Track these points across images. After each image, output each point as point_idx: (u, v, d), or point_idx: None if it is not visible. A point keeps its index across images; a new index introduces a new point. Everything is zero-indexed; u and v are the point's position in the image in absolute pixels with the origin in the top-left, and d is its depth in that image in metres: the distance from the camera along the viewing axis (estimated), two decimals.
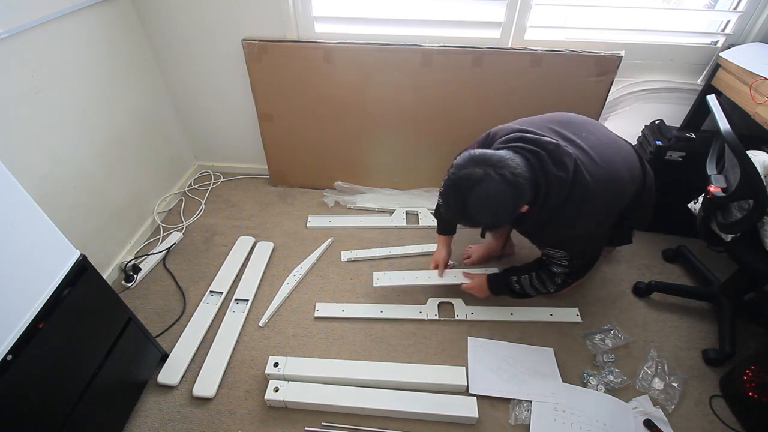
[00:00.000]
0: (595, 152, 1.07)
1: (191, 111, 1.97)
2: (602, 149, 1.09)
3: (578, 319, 1.45)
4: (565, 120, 1.16)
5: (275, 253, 1.72)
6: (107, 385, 1.08)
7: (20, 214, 0.84)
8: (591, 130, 1.14)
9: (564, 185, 0.99)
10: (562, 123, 1.14)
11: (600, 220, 1.08)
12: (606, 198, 1.05)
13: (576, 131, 1.11)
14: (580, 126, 1.15)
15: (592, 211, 1.04)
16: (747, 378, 1.16)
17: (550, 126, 1.12)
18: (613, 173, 1.06)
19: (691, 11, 1.57)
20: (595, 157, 1.05)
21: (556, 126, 1.12)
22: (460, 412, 1.17)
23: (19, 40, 1.19)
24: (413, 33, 1.60)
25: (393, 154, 1.89)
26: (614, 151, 1.12)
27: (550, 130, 1.10)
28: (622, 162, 1.11)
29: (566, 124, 1.14)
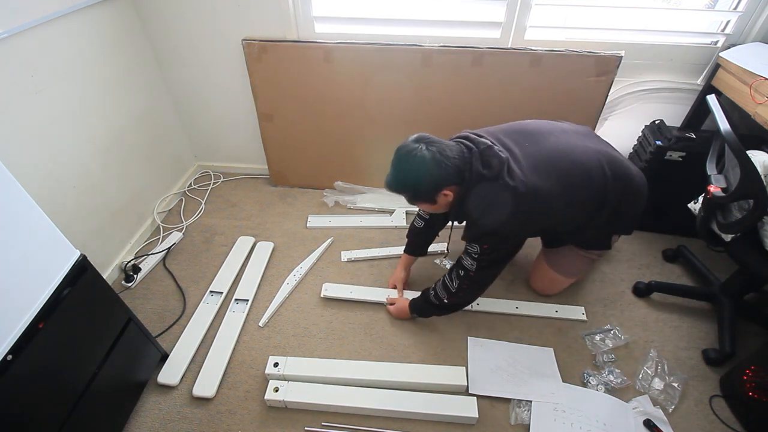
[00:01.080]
0: (528, 162, 1.11)
1: (191, 111, 1.97)
2: (539, 160, 1.12)
3: (583, 318, 1.45)
4: (517, 129, 1.22)
5: (275, 253, 1.72)
6: (107, 385, 1.08)
7: (20, 214, 0.84)
8: (539, 140, 1.17)
9: (483, 182, 1.09)
10: (512, 132, 1.21)
11: (512, 223, 1.11)
12: (522, 206, 1.08)
13: (520, 140, 1.17)
14: (530, 135, 1.19)
15: (504, 213, 1.09)
16: (747, 378, 1.16)
17: (497, 134, 1.20)
18: (538, 186, 1.08)
19: (691, 11, 1.57)
20: (526, 166, 1.11)
21: (503, 134, 1.20)
22: (460, 412, 1.17)
23: (19, 40, 1.19)
24: (413, 33, 1.60)
25: (393, 154, 1.89)
26: (554, 163, 1.12)
27: (494, 137, 1.18)
28: (556, 175, 1.11)
29: (515, 133, 1.20)
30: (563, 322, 1.44)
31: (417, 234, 1.49)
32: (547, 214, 1.16)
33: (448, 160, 1.08)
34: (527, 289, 1.55)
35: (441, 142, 1.11)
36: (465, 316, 1.46)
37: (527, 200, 1.08)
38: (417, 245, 1.52)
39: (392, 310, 1.45)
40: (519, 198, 1.07)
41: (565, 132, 1.23)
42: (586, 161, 1.16)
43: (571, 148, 1.17)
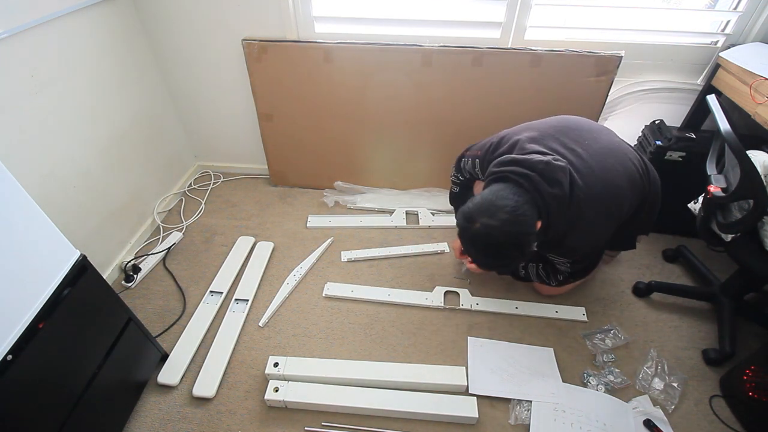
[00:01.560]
0: (595, 161, 1.07)
1: (191, 111, 1.97)
2: (603, 158, 1.09)
3: (584, 318, 1.45)
4: (569, 126, 1.17)
5: (275, 253, 1.72)
6: (107, 385, 1.08)
7: (20, 214, 0.84)
8: (595, 136, 1.14)
9: (562, 201, 1.01)
10: (566, 129, 1.14)
11: (597, 231, 1.09)
12: (602, 209, 1.05)
13: (578, 138, 1.12)
14: (584, 132, 1.15)
15: (590, 224, 1.05)
16: (747, 378, 1.16)
17: (553, 134, 1.13)
18: (611, 184, 1.06)
19: (691, 11, 1.56)
20: (595, 166, 1.06)
21: (559, 134, 1.12)
22: (460, 412, 1.17)
23: (19, 40, 1.19)
24: (413, 33, 1.60)
25: (393, 154, 1.89)
26: (617, 160, 1.12)
27: (552, 138, 1.11)
28: (623, 171, 1.10)
29: (570, 131, 1.14)
30: (563, 321, 1.44)
31: (457, 198, 1.51)
32: (622, 210, 1.12)
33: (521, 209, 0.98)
34: (528, 289, 1.54)
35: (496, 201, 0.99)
36: (465, 316, 1.46)
37: (604, 204, 1.05)
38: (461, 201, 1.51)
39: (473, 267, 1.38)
40: (594, 204, 1.03)
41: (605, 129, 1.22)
42: (635, 159, 1.17)
43: (621, 145, 1.17)
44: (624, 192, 1.09)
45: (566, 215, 1.02)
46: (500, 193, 1.00)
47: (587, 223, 1.05)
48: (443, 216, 1.86)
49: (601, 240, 1.15)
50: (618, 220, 1.14)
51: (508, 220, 0.96)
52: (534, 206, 1.00)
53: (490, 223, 0.97)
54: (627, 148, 1.19)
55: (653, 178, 1.25)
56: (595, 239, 1.11)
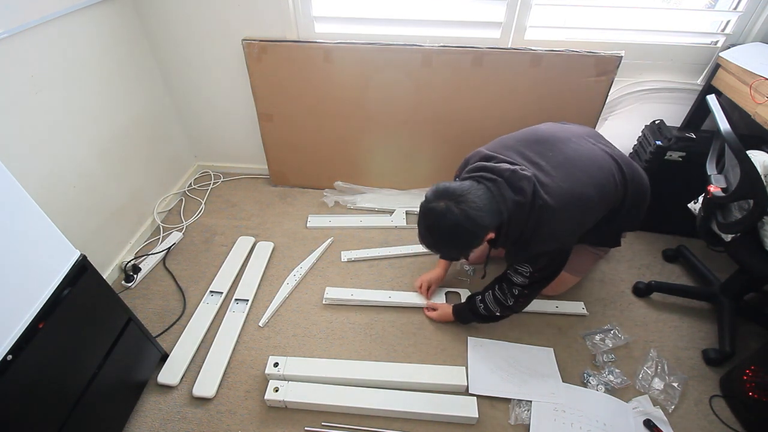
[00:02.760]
0: (558, 173, 1.09)
1: (191, 111, 1.97)
2: (568, 169, 1.11)
3: (584, 312, 1.46)
4: (535, 138, 1.19)
5: (275, 253, 1.72)
6: (107, 385, 1.08)
7: (20, 214, 0.84)
8: (561, 148, 1.15)
9: (523, 208, 1.04)
10: (531, 142, 1.17)
11: (560, 239, 1.11)
12: (566, 217, 1.07)
13: (543, 150, 1.14)
14: (550, 143, 1.16)
15: (552, 230, 1.07)
16: (747, 378, 1.16)
17: (517, 147, 1.16)
18: (575, 193, 1.07)
19: (691, 11, 1.56)
20: (558, 178, 1.08)
21: (524, 147, 1.16)
22: (460, 412, 1.17)
23: (19, 40, 1.18)
24: (413, 33, 1.60)
25: (393, 154, 1.89)
26: (583, 169, 1.12)
27: (516, 152, 1.15)
28: (588, 179, 1.11)
29: (537, 144, 1.17)
30: (563, 321, 1.44)
31: None
32: (589, 217, 1.14)
33: (480, 211, 1.02)
34: None
35: (464, 192, 1.03)
36: None
37: (570, 209, 1.06)
38: None
39: (434, 316, 1.44)
40: (561, 211, 1.05)
41: (579, 136, 1.22)
42: (606, 165, 1.17)
43: (592, 152, 1.18)
44: (590, 201, 1.10)
45: (528, 223, 1.06)
46: (474, 191, 1.05)
47: (550, 231, 1.07)
48: None
49: (565, 247, 1.16)
50: (583, 227, 1.16)
51: (467, 215, 1.01)
52: (496, 217, 1.05)
53: (450, 205, 1.02)
54: (597, 155, 1.17)
55: (635, 176, 1.23)
56: (558, 246, 1.13)
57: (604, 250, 1.45)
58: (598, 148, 1.21)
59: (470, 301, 1.34)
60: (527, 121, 1.45)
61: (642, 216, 1.32)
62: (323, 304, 1.51)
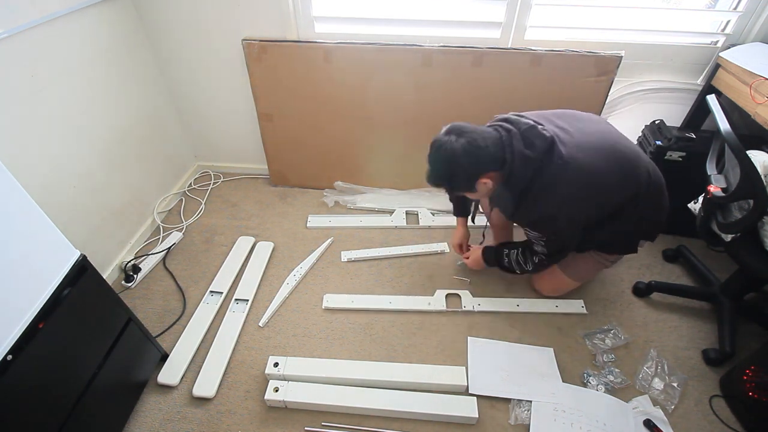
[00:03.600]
0: (584, 139, 1.09)
1: (191, 111, 1.97)
2: (593, 141, 1.09)
3: (583, 311, 1.46)
4: (569, 114, 1.19)
5: (275, 253, 1.72)
6: (107, 385, 1.08)
7: (20, 214, 0.84)
8: (593, 126, 1.15)
9: (528, 163, 1.05)
10: (560, 115, 1.18)
11: (571, 204, 1.08)
12: (581, 181, 1.05)
13: (573, 121, 1.14)
14: (579, 120, 1.16)
15: (564, 194, 1.07)
16: (747, 378, 1.16)
17: (546, 116, 1.16)
18: (592, 163, 1.06)
19: (691, 11, 1.56)
20: (581, 143, 1.07)
21: (552, 116, 1.16)
22: (460, 412, 1.17)
23: (19, 40, 1.18)
24: (413, 33, 1.60)
25: (393, 154, 1.89)
26: (607, 147, 1.10)
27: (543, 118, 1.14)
28: (610, 157, 1.09)
29: (567, 117, 1.17)
30: (563, 321, 1.44)
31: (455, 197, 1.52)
32: (605, 195, 1.11)
33: (479, 149, 1.05)
34: (528, 289, 1.54)
35: (473, 131, 1.08)
36: (465, 316, 1.46)
37: (581, 177, 1.05)
38: (462, 206, 1.55)
39: (470, 262, 1.52)
40: (571, 175, 1.04)
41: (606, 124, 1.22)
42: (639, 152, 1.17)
43: (619, 135, 1.18)
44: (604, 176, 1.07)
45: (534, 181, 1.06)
46: (483, 133, 1.08)
47: (561, 192, 1.06)
48: (443, 216, 1.86)
49: (576, 216, 1.12)
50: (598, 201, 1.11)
51: (465, 150, 1.05)
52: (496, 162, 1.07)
53: (452, 140, 1.06)
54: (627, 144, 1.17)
55: (658, 178, 1.21)
56: (568, 212, 1.09)
57: (612, 259, 1.35)
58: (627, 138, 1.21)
59: (499, 251, 1.41)
60: None
61: (659, 225, 1.26)
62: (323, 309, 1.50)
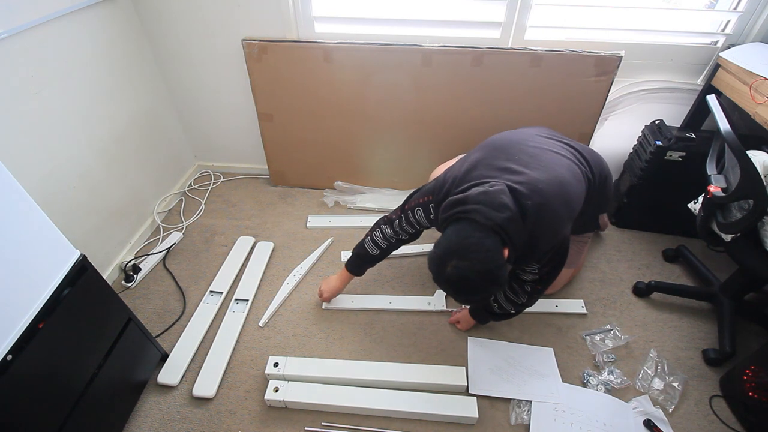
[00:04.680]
0: (532, 167, 1.08)
1: (191, 111, 1.97)
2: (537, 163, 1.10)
3: (583, 310, 1.46)
4: (494, 148, 1.18)
5: (275, 253, 1.72)
6: (107, 385, 1.08)
7: (20, 215, 0.84)
8: (521, 148, 1.15)
9: (515, 221, 1.00)
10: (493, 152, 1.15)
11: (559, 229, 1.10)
12: (556, 207, 1.06)
13: (509, 155, 1.13)
14: (510, 148, 1.15)
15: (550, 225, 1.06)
16: (747, 378, 1.16)
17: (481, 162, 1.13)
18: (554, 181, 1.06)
19: (691, 11, 1.56)
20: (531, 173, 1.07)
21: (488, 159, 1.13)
22: (460, 412, 1.17)
23: (19, 40, 1.18)
24: (413, 33, 1.60)
25: (393, 154, 1.89)
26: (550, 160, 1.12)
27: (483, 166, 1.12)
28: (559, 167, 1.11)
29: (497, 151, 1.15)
30: (563, 321, 1.44)
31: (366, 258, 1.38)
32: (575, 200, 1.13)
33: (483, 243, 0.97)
34: None
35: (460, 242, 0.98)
36: None
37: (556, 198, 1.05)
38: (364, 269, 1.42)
39: (462, 327, 1.42)
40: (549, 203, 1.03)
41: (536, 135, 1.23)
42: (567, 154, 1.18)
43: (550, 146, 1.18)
44: (570, 184, 1.10)
45: (526, 229, 1.03)
46: (461, 233, 0.99)
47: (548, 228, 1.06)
48: None
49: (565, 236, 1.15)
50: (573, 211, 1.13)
51: (477, 258, 0.96)
52: (495, 236, 0.99)
53: (460, 265, 0.96)
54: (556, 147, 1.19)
55: (595, 159, 1.26)
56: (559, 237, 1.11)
57: (588, 236, 1.48)
58: (554, 141, 1.21)
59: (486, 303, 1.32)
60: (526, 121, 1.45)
61: (611, 194, 1.36)
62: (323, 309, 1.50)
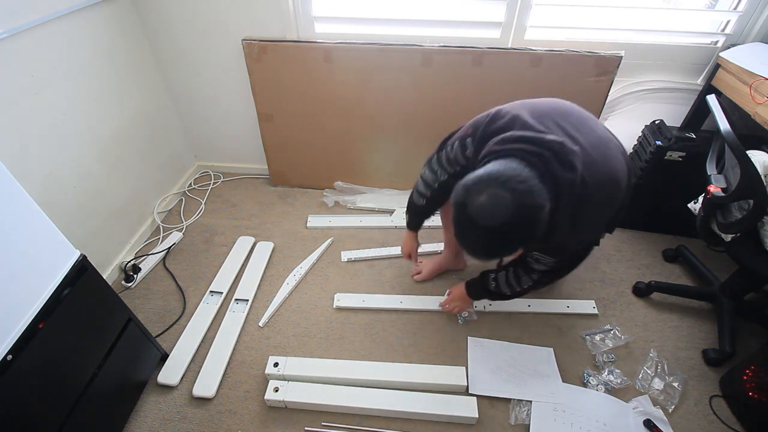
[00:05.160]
0: (596, 152, 0.97)
1: (191, 111, 1.97)
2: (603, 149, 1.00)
3: (594, 311, 1.47)
4: (566, 111, 1.04)
5: (275, 253, 1.72)
6: (107, 385, 1.08)
7: (20, 215, 0.84)
8: (591, 126, 1.03)
9: (574, 187, 0.87)
10: (564, 114, 1.02)
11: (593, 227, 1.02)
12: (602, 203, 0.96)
13: (578, 125, 1.00)
14: (579, 120, 1.03)
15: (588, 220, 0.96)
16: (747, 378, 1.16)
17: (554, 117, 0.99)
18: (612, 177, 0.97)
19: (691, 11, 1.56)
20: (597, 158, 0.95)
21: (559, 118, 0.99)
22: (460, 412, 1.17)
23: (19, 40, 1.18)
24: (413, 33, 1.60)
25: (393, 154, 1.89)
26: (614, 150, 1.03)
27: (553, 122, 0.98)
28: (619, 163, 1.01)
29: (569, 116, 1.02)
30: (563, 321, 1.44)
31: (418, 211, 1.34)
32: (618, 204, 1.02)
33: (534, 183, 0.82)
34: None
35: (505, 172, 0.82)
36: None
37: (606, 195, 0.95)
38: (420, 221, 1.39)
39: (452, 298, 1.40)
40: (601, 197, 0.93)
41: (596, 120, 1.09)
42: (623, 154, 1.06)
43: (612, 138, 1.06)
44: (621, 186, 0.99)
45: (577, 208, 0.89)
46: (509, 165, 0.83)
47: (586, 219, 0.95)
48: None
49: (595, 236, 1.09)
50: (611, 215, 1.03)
51: (521, 190, 0.79)
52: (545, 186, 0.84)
53: (499, 193, 0.79)
54: (617, 143, 1.08)
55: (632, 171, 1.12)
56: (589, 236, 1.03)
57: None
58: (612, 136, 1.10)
59: (483, 278, 1.26)
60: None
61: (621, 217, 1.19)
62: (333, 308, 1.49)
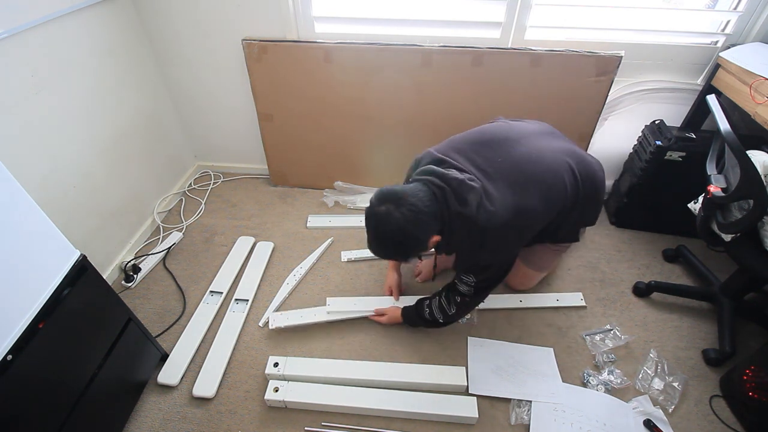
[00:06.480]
0: (506, 181, 1.08)
1: (191, 111, 1.97)
2: (516, 176, 1.09)
3: (582, 303, 1.48)
4: (485, 140, 1.17)
5: (275, 253, 1.72)
6: (107, 385, 1.08)
7: (20, 215, 0.84)
8: (510, 151, 1.13)
9: (465, 220, 1.03)
10: (481, 144, 1.15)
11: (505, 251, 1.13)
12: (511, 231, 1.07)
13: (492, 156, 1.12)
14: (500, 146, 1.14)
15: (498, 245, 1.08)
16: (747, 378, 1.16)
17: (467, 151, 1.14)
18: (521, 207, 1.06)
19: (691, 11, 1.56)
20: (504, 188, 1.07)
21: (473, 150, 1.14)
22: (460, 412, 1.17)
23: (19, 40, 1.18)
24: (413, 33, 1.60)
25: (393, 154, 1.89)
26: (531, 175, 1.11)
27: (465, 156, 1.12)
28: (535, 189, 1.09)
29: (485, 146, 1.15)
30: (563, 321, 1.44)
31: None
32: (534, 228, 1.16)
33: (422, 213, 1.00)
34: (503, 287, 1.54)
35: (408, 196, 1.01)
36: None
37: (514, 223, 1.06)
38: None
39: (384, 320, 1.42)
40: (506, 226, 1.05)
41: (532, 135, 1.20)
42: (557, 167, 1.15)
43: (541, 154, 1.15)
44: (534, 213, 1.10)
45: (471, 237, 1.05)
46: (416, 192, 1.03)
47: (495, 246, 1.08)
48: None
49: (510, 259, 1.19)
50: (527, 238, 1.18)
51: (408, 218, 0.99)
52: (438, 221, 1.04)
53: (393, 212, 1.00)
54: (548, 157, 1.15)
55: (588, 174, 1.20)
56: (502, 260, 1.16)
57: (565, 246, 1.43)
58: (552, 147, 1.19)
59: (419, 305, 1.34)
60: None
61: (598, 211, 1.32)
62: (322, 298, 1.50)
